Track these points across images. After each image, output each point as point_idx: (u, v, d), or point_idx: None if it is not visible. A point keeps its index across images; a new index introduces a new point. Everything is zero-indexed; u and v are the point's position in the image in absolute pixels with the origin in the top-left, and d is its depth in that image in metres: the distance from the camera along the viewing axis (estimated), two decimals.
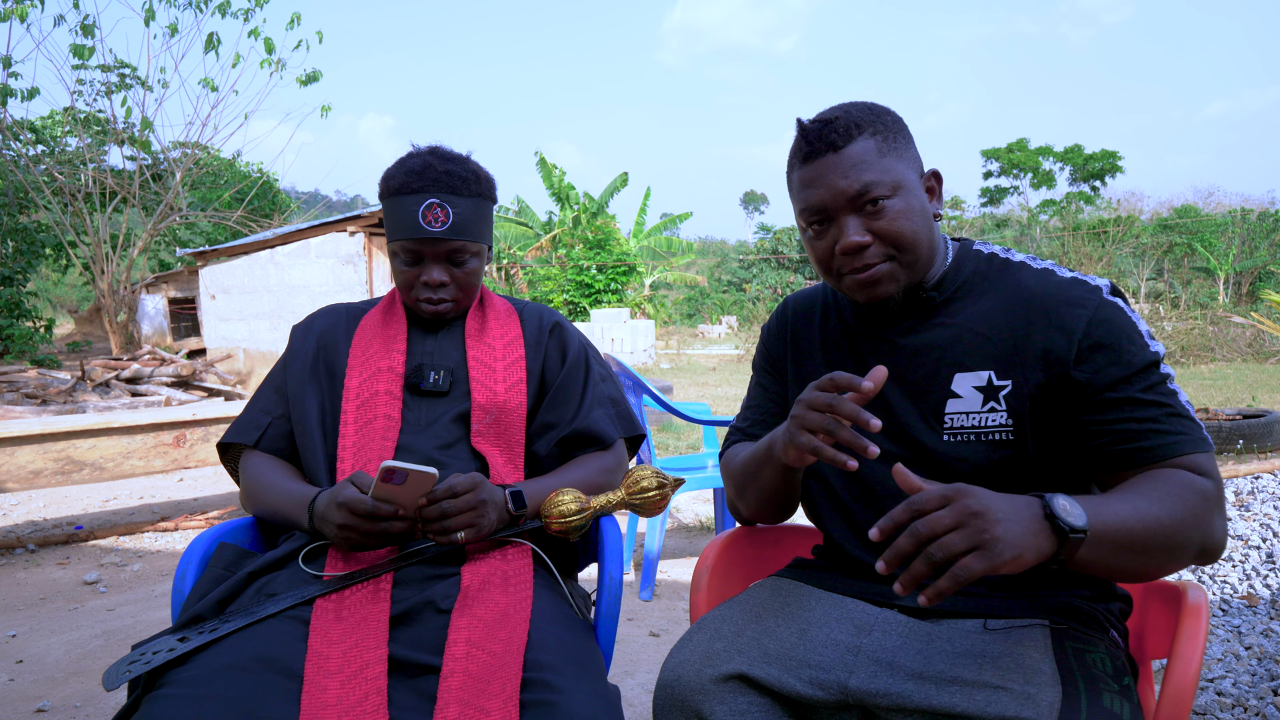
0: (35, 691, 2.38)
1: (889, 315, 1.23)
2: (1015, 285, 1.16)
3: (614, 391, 1.58)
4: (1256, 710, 2.08)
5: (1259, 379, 10.56)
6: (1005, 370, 1.13)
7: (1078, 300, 1.11)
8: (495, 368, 1.48)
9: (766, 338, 1.42)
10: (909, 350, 1.20)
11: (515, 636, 1.16)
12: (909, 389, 1.19)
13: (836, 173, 1.12)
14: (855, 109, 1.16)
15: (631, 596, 3.12)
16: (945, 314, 1.19)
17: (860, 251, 1.14)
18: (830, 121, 1.14)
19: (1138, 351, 1.08)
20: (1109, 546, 0.93)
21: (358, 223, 10.14)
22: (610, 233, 19.47)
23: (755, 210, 78.55)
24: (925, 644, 1.07)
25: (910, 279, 1.17)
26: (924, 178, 1.18)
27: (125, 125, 12.98)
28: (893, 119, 1.17)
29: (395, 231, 1.43)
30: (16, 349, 10.95)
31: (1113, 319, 1.10)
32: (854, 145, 1.12)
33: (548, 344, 1.55)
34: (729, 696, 1.07)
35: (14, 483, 5.16)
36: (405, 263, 1.45)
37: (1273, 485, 3.89)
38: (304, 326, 1.58)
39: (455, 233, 1.42)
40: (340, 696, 1.06)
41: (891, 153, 1.13)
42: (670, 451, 5.98)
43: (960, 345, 1.16)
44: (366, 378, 1.46)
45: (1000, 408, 1.13)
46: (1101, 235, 25.53)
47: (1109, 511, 0.94)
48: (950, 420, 1.15)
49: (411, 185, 1.41)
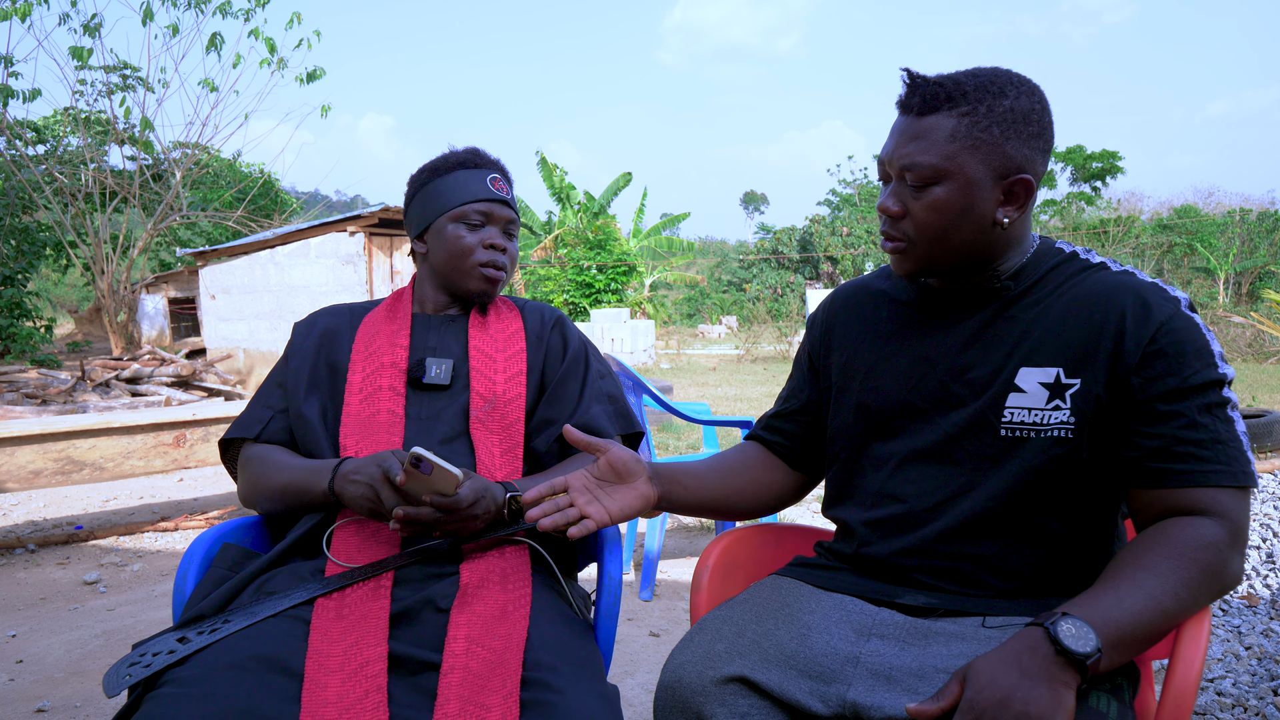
0: (35, 691, 2.38)
1: (958, 302, 1.18)
2: (1093, 284, 1.11)
3: (613, 389, 1.58)
4: (1256, 710, 2.08)
5: (1259, 379, 10.56)
6: (1075, 369, 1.08)
7: (1155, 305, 1.06)
8: (496, 358, 1.49)
9: (810, 329, 1.39)
10: (975, 340, 1.15)
11: (515, 633, 1.16)
12: (971, 380, 1.14)
13: (902, 137, 1.10)
14: (973, 80, 1.08)
15: (631, 596, 3.12)
16: (1018, 307, 1.14)
17: (890, 220, 1.14)
18: (928, 84, 1.09)
19: (1201, 369, 1.04)
20: (1131, 645, 0.93)
21: (358, 223, 10.13)
22: (610, 233, 19.45)
23: (755, 210, 78.58)
24: (923, 649, 1.07)
25: (931, 266, 1.14)
26: (1005, 180, 1.08)
27: (126, 126, 12.98)
28: (1007, 106, 1.06)
29: (462, 197, 1.50)
30: (17, 349, 10.95)
31: (1184, 330, 1.05)
32: (932, 117, 1.07)
33: (549, 339, 1.56)
34: (730, 699, 1.07)
35: (14, 483, 5.15)
36: (471, 227, 1.51)
37: (1273, 485, 3.88)
38: (307, 324, 1.58)
39: (514, 209, 1.55)
40: (341, 694, 1.06)
41: (967, 140, 1.06)
42: (670, 451, 5.98)
43: (1030, 340, 1.11)
44: (370, 373, 1.47)
45: (1065, 405, 1.08)
46: (1102, 235, 25.52)
47: (1120, 611, 0.92)
48: (1010, 415, 1.11)
49: (474, 160, 1.54)
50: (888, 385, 1.21)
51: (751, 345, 17.77)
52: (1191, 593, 0.96)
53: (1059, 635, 0.88)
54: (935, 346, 1.19)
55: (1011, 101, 1.07)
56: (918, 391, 1.19)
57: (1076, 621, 0.89)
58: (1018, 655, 0.88)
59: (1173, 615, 0.95)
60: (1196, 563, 0.97)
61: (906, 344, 1.22)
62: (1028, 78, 1.10)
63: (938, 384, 1.17)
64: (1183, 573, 0.96)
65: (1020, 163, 1.08)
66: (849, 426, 1.26)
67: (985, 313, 1.16)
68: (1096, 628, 0.90)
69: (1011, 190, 1.09)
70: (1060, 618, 0.90)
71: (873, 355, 1.25)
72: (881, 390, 1.22)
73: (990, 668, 0.88)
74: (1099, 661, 0.88)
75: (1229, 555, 1.00)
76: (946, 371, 1.16)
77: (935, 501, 1.15)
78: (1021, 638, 0.91)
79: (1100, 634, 0.90)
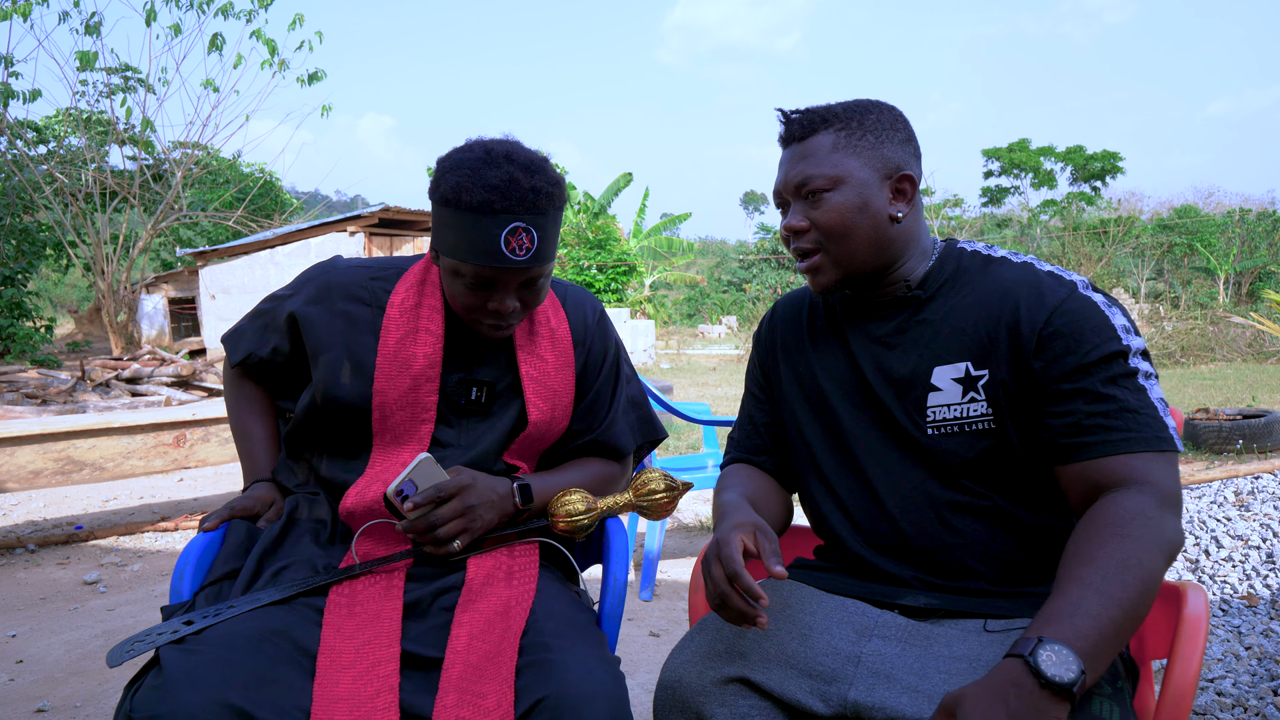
0: (35, 691, 2.38)
1: (874, 312, 1.25)
2: (993, 279, 1.17)
3: (637, 393, 1.54)
4: (1256, 710, 2.08)
5: (1259, 379, 10.56)
6: (981, 360, 1.14)
7: (1047, 290, 1.11)
8: (548, 384, 1.39)
9: (756, 345, 1.43)
10: (892, 346, 1.22)
11: (514, 626, 1.18)
12: (894, 385, 1.20)
13: (791, 162, 1.21)
14: (839, 105, 1.21)
15: (631, 596, 3.12)
16: (928, 310, 1.20)
17: (797, 236, 1.21)
18: (802, 114, 1.21)
19: (1100, 343, 1.06)
20: (1107, 649, 0.90)
21: (358, 223, 10.13)
22: (611, 233, 19.46)
23: (755, 210, 78.56)
24: (924, 650, 1.07)
25: (844, 273, 1.20)
26: (890, 179, 1.18)
27: (126, 126, 12.99)
28: (874, 119, 1.19)
29: (466, 253, 1.21)
30: (17, 349, 10.94)
31: (1079, 310, 1.08)
32: (814, 139, 1.19)
33: (591, 343, 1.46)
34: (730, 699, 1.07)
35: (14, 483, 5.16)
36: (471, 286, 1.24)
37: (1273, 485, 3.88)
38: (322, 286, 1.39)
39: (538, 259, 1.22)
40: (353, 691, 1.08)
41: (848, 149, 1.17)
42: (670, 451, 5.98)
43: (940, 339, 1.18)
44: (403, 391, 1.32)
45: (980, 397, 1.13)
46: (1102, 235, 25.52)
47: (1084, 618, 0.89)
48: (933, 414, 1.16)
49: (494, 205, 1.18)
50: (830, 390, 1.27)
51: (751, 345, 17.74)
52: (1138, 573, 0.93)
53: (1041, 668, 0.85)
54: (860, 352, 1.24)
55: (876, 116, 1.20)
56: (855, 396, 1.24)
57: (1054, 646, 0.87)
58: (1004, 694, 0.86)
59: (1132, 602, 0.92)
60: (1130, 538, 0.95)
61: (839, 350, 1.28)
62: (886, 101, 1.23)
63: (868, 388, 1.22)
64: (1122, 555, 0.94)
65: (899, 163, 1.19)
66: (808, 434, 1.29)
67: (899, 319, 1.22)
68: (1073, 645, 0.87)
69: (899, 188, 1.19)
70: (1037, 645, 0.87)
71: (814, 362, 1.30)
72: (827, 396, 1.27)
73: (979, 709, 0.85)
74: (1085, 683, 0.86)
75: (1161, 519, 0.98)
76: (872, 376, 1.22)
77: (900, 497, 1.18)
78: (1004, 671, 0.87)
79: (1078, 651, 0.87)
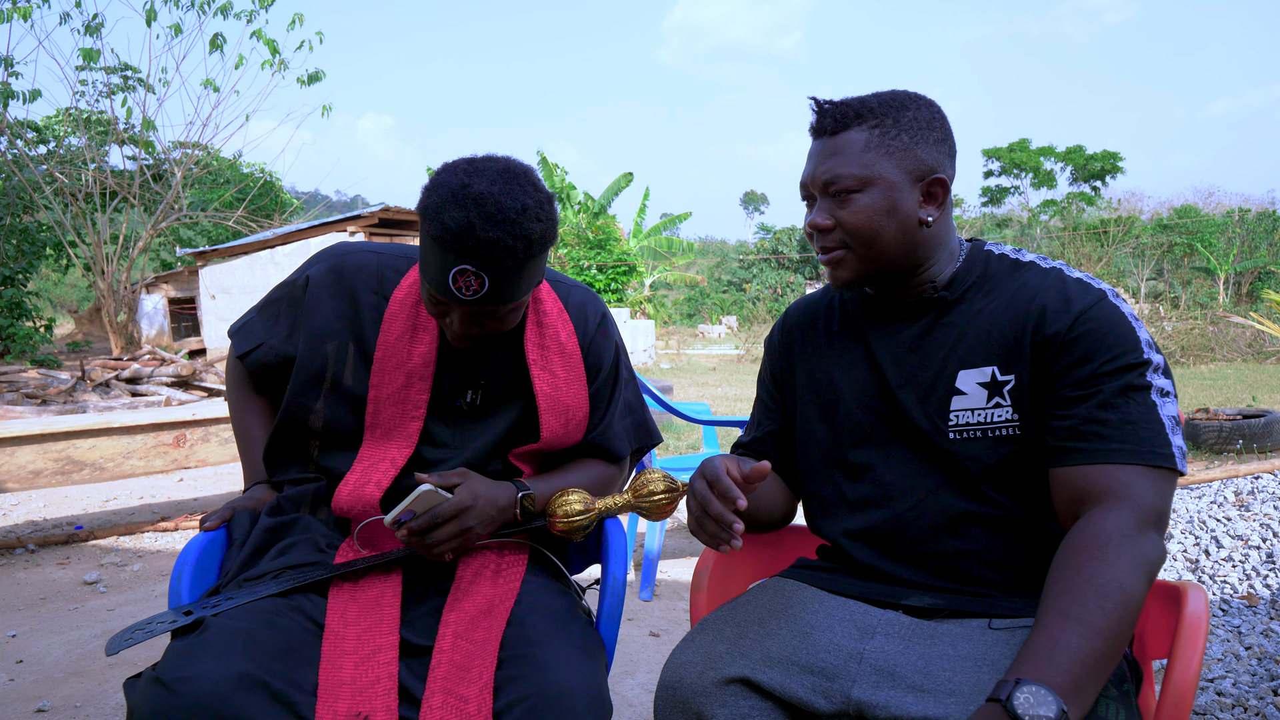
0: (35, 691, 2.38)
1: (898, 314, 1.23)
2: (1021, 283, 1.15)
3: (633, 397, 1.54)
4: (1256, 710, 2.08)
5: (1259, 379, 10.56)
6: (1008, 365, 1.12)
7: (1074, 296, 1.10)
8: (561, 399, 1.39)
9: (768, 351, 1.41)
10: (916, 349, 1.20)
11: (496, 625, 1.20)
12: (916, 388, 1.18)
13: (820, 156, 1.17)
14: (874, 98, 1.17)
15: (631, 596, 3.12)
16: (954, 313, 1.18)
17: (822, 234, 1.18)
18: (836, 106, 1.17)
19: (1121, 353, 1.05)
20: (1092, 680, 0.88)
21: (358, 223, 10.14)
22: (611, 233, 19.45)
23: (755, 210, 78.56)
24: (928, 647, 1.06)
25: (867, 271, 1.18)
26: (922, 181, 1.15)
27: (126, 126, 12.98)
28: (910, 116, 1.15)
29: (423, 270, 1.22)
30: (17, 349, 10.94)
31: (1105, 318, 1.08)
32: (845, 134, 1.15)
33: (593, 343, 1.45)
34: (731, 700, 1.07)
35: (14, 483, 5.15)
36: (430, 300, 1.25)
37: (1273, 485, 3.88)
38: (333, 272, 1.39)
39: (491, 300, 1.21)
40: (354, 676, 1.12)
41: (880, 149, 1.13)
42: (670, 451, 5.98)
43: (965, 343, 1.16)
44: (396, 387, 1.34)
45: (1005, 403, 1.12)
46: (1102, 235, 25.52)
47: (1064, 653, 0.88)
48: (955, 418, 1.15)
49: (446, 243, 1.16)
50: (847, 393, 1.25)
51: (751, 345, 17.78)
52: (1118, 597, 0.92)
53: (1017, 710, 0.84)
54: (881, 354, 1.22)
55: (914, 113, 1.15)
56: (873, 399, 1.22)
57: (1030, 688, 0.85)
58: None
59: (1113, 629, 0.91)
60: (1108, 560, 0.94)
61: (859, 352, 1.26)
62: (925, 94, 1.19)
63: (889, 391, 1.20)
64: (1101, 580, 0.93)
65: (932, 164, 1.15)
66: (821, 438, 1.28)
67: (924, 321, 1.20)
68: (1051, 684, 0.86)
69: (930, 191, 1.16)
70: (1015, 687, 0.86)
71: (831, 365, 1.28)
72: (843, 399, 1.25)
73: None
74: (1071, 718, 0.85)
75: (1139, 539, 0.96)
76: (894, 379, 1.20)
77: (914, 502, 1.17)
78: (984, 715, 0.87)
79: (1057, 689, 0.86)
